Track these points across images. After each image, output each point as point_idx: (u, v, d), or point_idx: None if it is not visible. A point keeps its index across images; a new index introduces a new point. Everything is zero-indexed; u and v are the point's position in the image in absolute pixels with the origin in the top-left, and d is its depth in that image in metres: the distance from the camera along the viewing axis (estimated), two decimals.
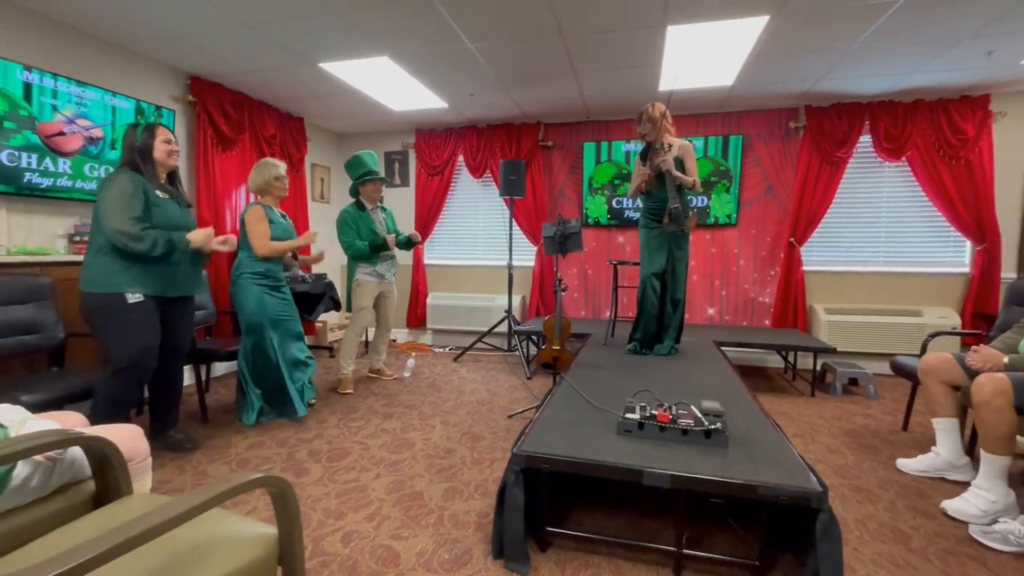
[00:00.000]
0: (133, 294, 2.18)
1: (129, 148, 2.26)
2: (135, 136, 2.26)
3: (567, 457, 1.61)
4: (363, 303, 3.57)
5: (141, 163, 2.25)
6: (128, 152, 2.26)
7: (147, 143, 2.26)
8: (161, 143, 2.30)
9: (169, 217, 2.27)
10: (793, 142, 4.36)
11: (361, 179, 3.54)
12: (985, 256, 3.97)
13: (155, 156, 2.28)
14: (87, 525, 1.08)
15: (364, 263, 3.56)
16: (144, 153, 2.26)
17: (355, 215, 3.52)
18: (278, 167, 2.95)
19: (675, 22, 2.82)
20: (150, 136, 2.27)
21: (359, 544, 1.74)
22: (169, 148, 2.33)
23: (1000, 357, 2.01)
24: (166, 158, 2.32)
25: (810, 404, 3.40)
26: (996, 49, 3.14)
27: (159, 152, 2.29)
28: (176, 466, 2.35)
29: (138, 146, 2.25)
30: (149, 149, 2.27)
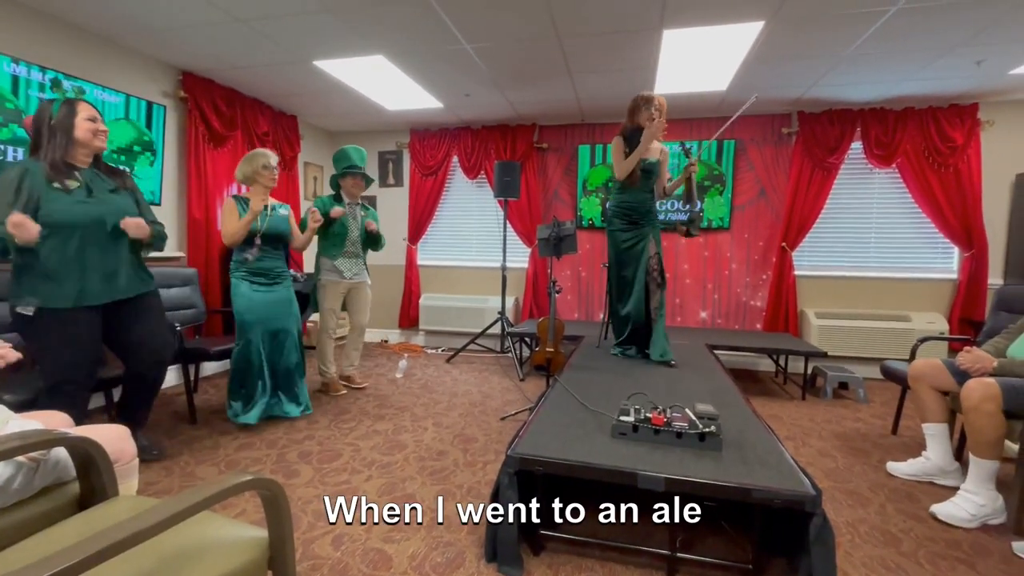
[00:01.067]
0: (25, 307, 1.87)
1: (39, 126, 1.91)
2: (50, 112, 1.91)
3: (561, 460, 1.60)
4: (327, 304, 3.42)
5: (48, 144, 1.90)
6: (37, 131, 1.91)
7: (66, 120, 1.91)
8: (84, 120, 1.95)
9: (67, 212, 1.89)
10: (786, 147, 4.40)
11: (343, 172, 3.40)
12: (973, 262, 4.02)
13: (76, 135, 1.93)
14: (71, 528, 1.05)
15: (325, 258, 3.40)
16: (56, 132, 1.90)
17: (328, 204, 3.32)
18: (268, 156, 2.85)
19: (671, 26, 2.83)
20: (70, 112, 1.92)
21: (350, 547, 1.72)
22: (95, 127, 1.98)
23: (990, 360, 2.04)
24: (91, 138, 1.97)
25: (801, 408, 3.42)
26: (985, 59, 3.19)
27: (81, 131, 1.94)
28: (164, 467, 2.31)
29: (52, 124, 1.90)
30: (68, 128, 1.91)
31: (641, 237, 2.96)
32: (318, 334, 3.52)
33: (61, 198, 1.90)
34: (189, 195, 3.65)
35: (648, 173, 2.91)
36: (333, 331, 3.52)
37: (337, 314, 3.50)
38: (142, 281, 2.19)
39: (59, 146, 1.91)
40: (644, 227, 2.96)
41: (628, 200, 2.97)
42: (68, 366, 1.95)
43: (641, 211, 2.96)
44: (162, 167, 3.46)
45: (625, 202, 2.98)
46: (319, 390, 3.56)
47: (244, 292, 2.79)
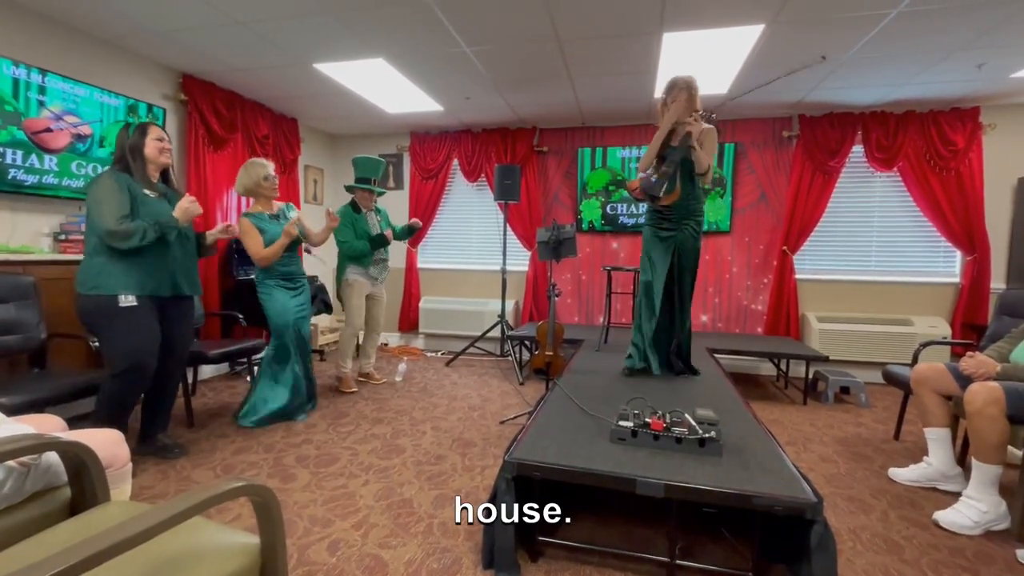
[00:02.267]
0: (126, 297, 2.16)
1: (120, 146, 2.26)
2: (127, 135, 2.26)
3: (559, 465, 1.59)
4: (355, 300, 3.55)
5: (131, 161, 2.24)
6: (119, 150, 2.26)
7: (138, 141, 2.26)
8: (153, 140, 2.28)
9: (157, 215, 2.23)
10: (786, 151, 4.39)
11: (354, 185, 3.59)
12: (975, 266, 4.00)
13: (146, 153, 2.27)
14: (61, 533, 1.04)
15: (355, 264, 3.53)
16: (134, 151, 2.25)
17: (351, 216, 3.52)
18: (266, 167, 2.89)
19: (671, 29, 2.83)
20: (141, 135, 2.27)
21: (346, 553, 1.70)
22: (161, 146, 2.31)
23: (994, 364, 2.02)
24: (157, 155, 2.30)
25: (802, 412, 3.40)
26: (986, 62, 3.18)
27: (150, 149, 2.28)
28: (159, 471, 2.29)
29: (129, 144, 2.24)
30: (140, 147, 2.26)
31: (668, 238, 2.65)
32: (343, 331, 3.63)
33: (153, 203, 2.24)
34: None
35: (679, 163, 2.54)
36: (359, 328, 3.64)
37: (363, 311, 3.63)
38: (198, 283, 2.51)
39: (140, 163, 2.26)
40: (674, 225, 2.63)
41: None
42: (143, 352, 2.20)
43: (673, 205, 2.59)
44: None
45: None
46: (333, 387, 3.65)
47: (280, 298, 2.90)
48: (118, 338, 2.16)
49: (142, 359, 2.19)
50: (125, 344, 2.16)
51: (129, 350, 2.16)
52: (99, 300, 2.14)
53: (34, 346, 2.40)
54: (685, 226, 2.64)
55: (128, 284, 2.17)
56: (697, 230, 2.66)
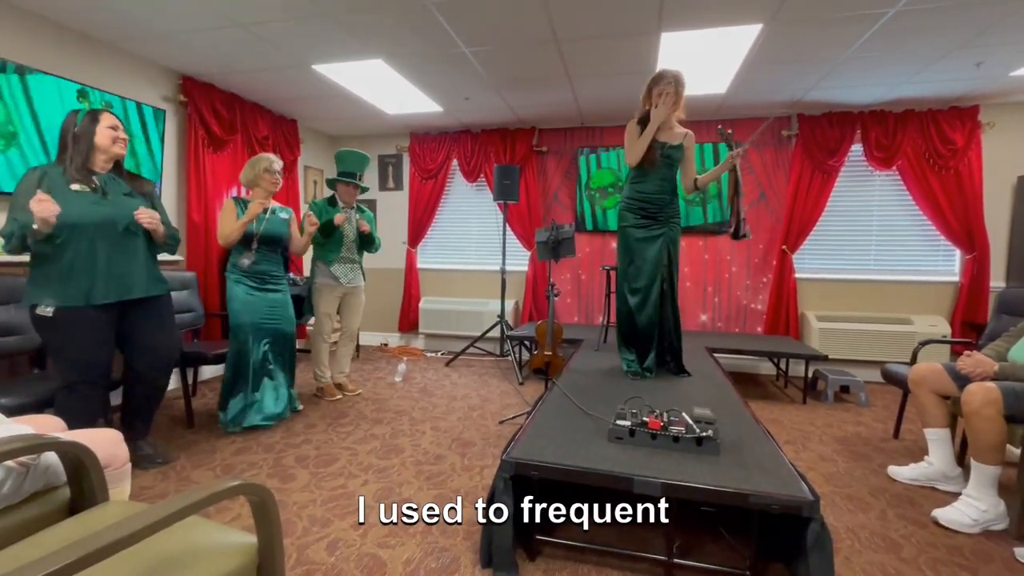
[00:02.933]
0: (44, 307, 1.94)
1: (64, 132, 2.03)
2: (74, 121, 2.04)
3: (557, 464, 1.59)
4: (322, 308, 3.38)
5: (70, 148, 2.01)
6: (62, 136, 2.04)
7: (88, 128, 2.03)
8: (105, 128, 2.06)
9: (81, 212, 1.96)
10: (785, 150, 4.39)
11: (337, 178, 3.38)
12: (974, 265, 4.00)
13: (96, 142, 2.04)
14: (60, 533, 1.05)
15: (321, 262, 3.36)
16: (79, 138, 2.02)
17: (323, 208, 3.33)
18: (271, 160, 2.87)
19: (669, 29, 2.83)
20: (92, 121, 2.05)
21: (344, 552, 1.71)
22: (115, 134, 2.08)
23: (991, 364, 2.02)
24: (110, 144, 2.07)
25: (801, 411, 3.40)
26: (985, 61, 3.18)
27: (102, 137, 2.05)
28: (159, 472, 2.30)
29: (76, 130, 2.02)
30: (90, 135, 2.03)
31: (657, 236, 2.59)
32: (313, 340, 3.50)
33: (76, 199, 1.98)
34: (188, 199, 3.65)
35: (669, 160, 2.54)
36: (328, 336, 3.49)
37: (333, 318, 3.48)
38: (154, 283, 2.23)
39: (80, 152, 2.02)
40: (662, 224, 2.58)
41: (644, 191, 2.57)
42: (84, 365, 2.01)
43: (659, 204, 2.55)
44: (161, 171, 3.46)
45: (641, 193, 2.58)
46: (315, 395, 3.54)
47: (239, 295, 2.78)
48: (53, 350, 2.01)
49: (85, 373, 2.01)
50: (63, 356, 1.99)
51: (69, 363, 1.99)
52: (29, 312, 1.98)
53: (34, 347, 2.41)
54: (673, 224, 2.64)
55: (47, 293, 1.95)
56: (679, 226, 2.68)
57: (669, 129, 2.60)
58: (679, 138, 2.60)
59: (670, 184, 2.61)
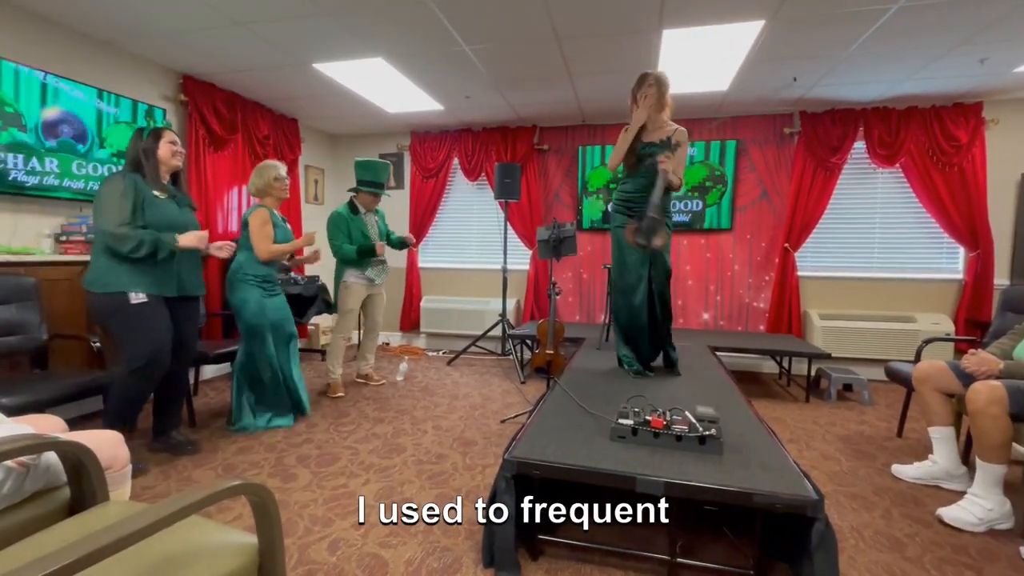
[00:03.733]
0: (136, 294, 2.20)
1: (134, 148, 2.29)
2: (140, 138, 2.31)
3: (559, 463, 1.58)
4: (350, 305, 3.50)
5: (143, 162, 2.28)
6: (133, 152, 2.30)
7: (152, 144, 2.31)
8: (166, 143, 2.34)
9: (165, 217, 2.28)
10: (788, 147, 4.37)
11: (362, 188, 3.51)
12: (978, 262, 3.98)
13: (159, 155, 2.31)
14: (60, 533, 1.04)
15: (353, 266, 3.50)
16: (148, 153, 2.29)
17: (347, 217, 3.47)
18: (278, 168, 2.92)
19: (671, 26, 2.81)
20: (155, 138, 2.32)
21: (346, 552, 1.70)
22: (174, 148, 2.36)
23: (996, 362, 2.00)
24: (170, 157, 2.35)
25: (804, 410, 3.39)
26: (988, 57, 3.16)
27: (163, 151, 2.32)
28: (161, 471, 2.30)
29: (143, 146, 2.29)
30: (154, 150, 2.30)
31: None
32: (334, 336, 3.57)
33: (162, 205, 2.30)
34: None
35: (652, 159, 2.53)
36: (351, 333, 3.59)
37: (356, 316, 3.59)
38: (202, 284, 2.56)
39: (152, 166, 2.31)
40: None
41: (629, 191, 2.63)
42: (159, 348, 2.25)
43: (643, 203, 2.56)
44: None
45: (626, 193, 2.65)
46: (321, 392, 3.56)
47: (256, 298, 2.81)
48: (135, 334, 2.21)
49: (159, 354, 2.25)
50: (143, 339, 2.21)
51: (147, 345, 2.21)
52: (111, 298, 2.18)
53: (35, 347, 2.41)
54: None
55: (136, 283, 2.21)
56: (669, 225, 2.64)
57: (658, 129, 2.59)
58: (661, 135, 2.58)
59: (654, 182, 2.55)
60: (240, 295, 2.78)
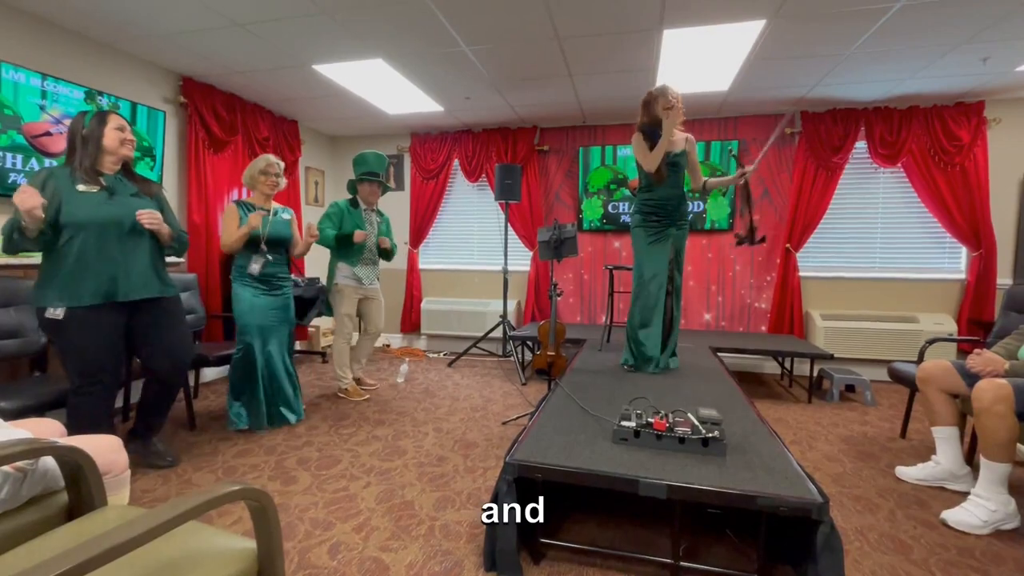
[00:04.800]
0: (53, 309, 1.95)
1: (72, 134, 2.03)
2: (82, 123, 2.03)
3: (561, 466, 1.57)
4: (343, 308, 3.42)
5: (78, 149, 2.02)
6: (70, 138, 2.04)
7: (96, 130, 2.03)
8: (112, 130, 2.06)
9: (88, 212, 1.98)
10: (789, 147, 4.36)
11: (360, 178, 3.44)
12: (981, 262, 3.96)
13: (105, 143, 2.05)
14: (58, 539, 1.03)
15: (343, 263, 3.42)
16: (88, 140, 2.02)
17: (344, 210, 3.40)
18: (268, 162, 2.85)
19: (671, 26, 2.81)
20: (100, 123, 2.05)
21: (347, 556, 1.69)
22: (122, 136, 2.09)
23: (1001, 362, 1.99)
24: (118, 146, 2.08)
25: (807, 411, 3.37)
26: (990, 56, 3.15)
27: (109, 139, 2.05)
28: (160, 475, 2.28)
29: (84, 132, 2.02)
30: (98, 137, 2.03)
31: (666, 237, 2.77)
32: (334, 341, 3.52)
33: (83, 199, 1.99)
34: (189, 200, 3.65)
35: (675, 166, 2.72)
36: (350, 336, 3.53)
37: (353, 319, 3.52)
38: (161, 284, 2.24)
39: (88, 154, 2.03)
40: (669, 226, 2.76)
41: (655, 197, 2.75)
42: (93, 367, 2.02)
43: (668, 208, 2.74)
44: (162, 172, 3.45)
45: (652, 199, 2.76)
46: (339, 396, 3.53)
47: (246, 297, 2.78)
48: (64, 352, 2.00)
49: (94, 374, 2.01)
50: (72, 357, 2.00)
51: (77, 364, 1.99)
52: (38, 313, 1.98)
53: (34, 350, 2.40)
54: (682, 224, 2.82)
55: (56, 295, 1.96)
56: (687, 228, 2.87)
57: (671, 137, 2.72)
58: (680, 144, 2.76)
59: (679, 189, 2.79)
60: (233, 295, 2.80)
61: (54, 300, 1.95)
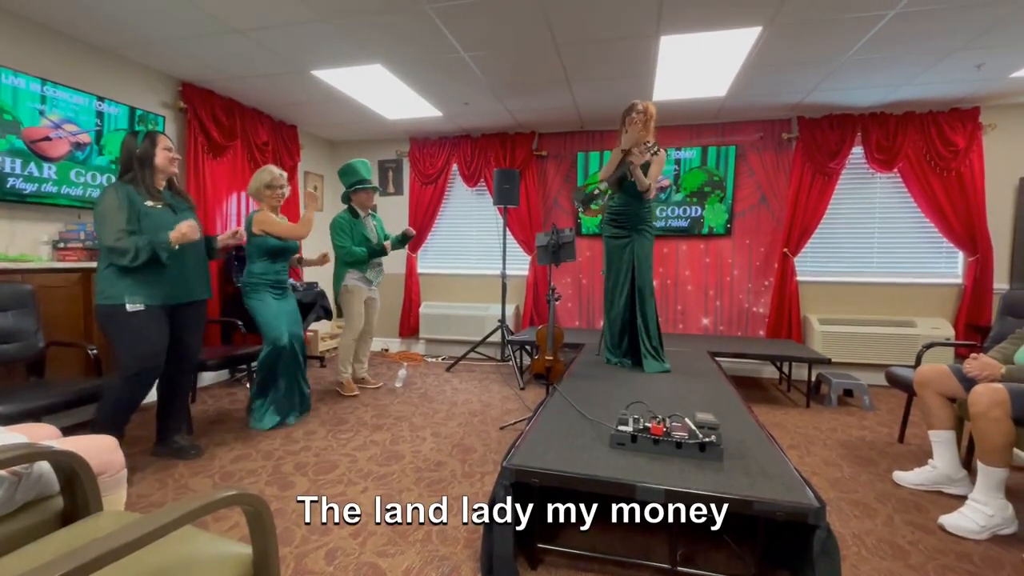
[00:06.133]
0: (133, 304, 2.19)
1: (127, 155, 2.25)
2: (135, 143, 2.26)
3: (558, 471, 1.57)
4: (355, 308, 3.58)
5: (138, 171, 2.25)
6: (126, 159, 2.26)
7: (148, 151, 2.26)
8: (162, 151, 2.30)
9: (160, 226, 2.23)
10: (786, 153, 4.38)
11: (353, 187, 3.54)
12: (977, 267, 3.98)
13: (156, 163, 2.28)
14: (52, 544, 1.03)
15: (354, 269, 3.55)
16: (143, 160, 2.25)
17: (349, 221, 3.53)
18: (272, 174, 2.94)
19: (669, 32, 2.82)
20: (151, 144, 2.28)
21: (343, 561, 1.68)
22: (170, 156, 2.33)
23: (998, 367, 1.99)
24: (168, 165, 2.32)
25: (805, 415, 3.37)
26: (985, 62, 3.17)
27: (161, 159, 2.29)
28: (157, 479, 2.28)
29: (139, 154, 2.25)
30: (150, 157, 2.27)
31: (628, 243, 2.99)
32: (343, 337, 3.64)
33: (157, 214, 2.25)
34: None
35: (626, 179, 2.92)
36: (358, 334, 3.66)
37: (363, 317, 3.65)
38: (208, 287, 2.55)
39: (148, 173, 2.27)
40: (631, 232, 2.98)
41: (615, 205, 3.04)
42: (151, 356, 2.26)
43: (627, 215, 2.98)
44: None
45: (613, 208, 3.05)
46: (335, 390, 3.67)
47: (270, 301, 2.95)
48: (129, 342, 2.21)
49: (150, 361, 2.25)
50: (135, 347, 2.21)
51: (139, 353, 2.22)
52: (109, 308, 2.19)
53: (32, 354, 2.40)
54: (642, 230, 2.99)
55: (134, 291, 2.20)
56: (651, 234, 3.02)
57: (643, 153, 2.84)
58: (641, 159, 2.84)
59: (637, 198, 2.95)
60: (256, 301, 2.92)
61: (133, 295, 2.19)
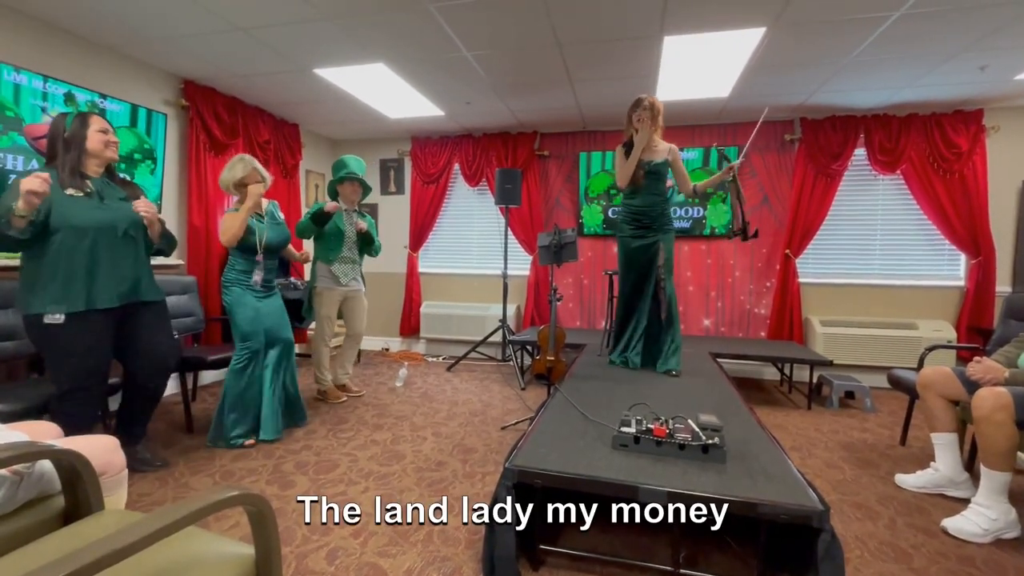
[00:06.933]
0: (51, 315, 1.90)
1: (53, 137, 1.96)
2: (63, 125, 1.98)
3: (560, 472, 1.56)
4: (323, 311, 3.37)
5: (63, 154, 1.96)
6: (51, 140, 1.97)
7: (77, 133, 1.98)
8: (95, 132, 2.02)
9: (80, 217, 1.94)
10: (789, 154, 4.37)
11: (340, 179, 3.38)
12: (980, 270, 3.97)
13: (88, 147, 2.00)
14: (53, 543, 1.02)
15: (321, 262, 3.35)
16: (70, 143, 1.97)
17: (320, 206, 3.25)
18: (243, 167, 2.71)
19: (672, 33, 2.82)
20: (82, 125, 1.99)
21: (344, 561, 1.68)
22: (106, 138, 2.04)
23: (1001, 370, 1.99)
24: (102, 149, 2.04)
25: (806, 417, 3.36)
26: (989, 64, 3.16)
27: (93, 142, 2.01)
28: (158, 478, 2.27)
29: (66, 135, 1.97)
30: (81, 139, 1.98)
31: (652, 243, 2.88)
32: (314, 344, 3.48)
33: (74, 203, 1.95)
34: (189, 203, 3.64)
35: (655, 175, 2.83)
36: (329, 339, 3.48)
37: (333, 321, 3.45)
38: (151, 288, 2.23)
39: (72, 157, 1.98)
40: (656, 232, 2.87)
41: (637, 204, 2.89)
42: (84, 372, 1.99)
43: (651, 215, 2.86)
44: (162, 175, 3.45)
45: (634, 206, 2.90)
46: (317, 399, 3.53)
47: (249, 302, 2.69)
48: (54, 359, 1.96)
49: (82, 380, 1.99)
50: (63, 364, 1.96)
51: (67, 370, 1.96)
52: (30, 319, 1.93)
53: (32, 352, 2.38)
54: (666, 230, 2.90)
55: (51, 299, 1.90)
56: (672, 232, 2.93)
57: (652, 148, 2.84)
58: (663, 154, 2.85)
59: (660, 196, 2.88)
60: (233, 300, 2.67)
61: (49, 305, 1.90)
